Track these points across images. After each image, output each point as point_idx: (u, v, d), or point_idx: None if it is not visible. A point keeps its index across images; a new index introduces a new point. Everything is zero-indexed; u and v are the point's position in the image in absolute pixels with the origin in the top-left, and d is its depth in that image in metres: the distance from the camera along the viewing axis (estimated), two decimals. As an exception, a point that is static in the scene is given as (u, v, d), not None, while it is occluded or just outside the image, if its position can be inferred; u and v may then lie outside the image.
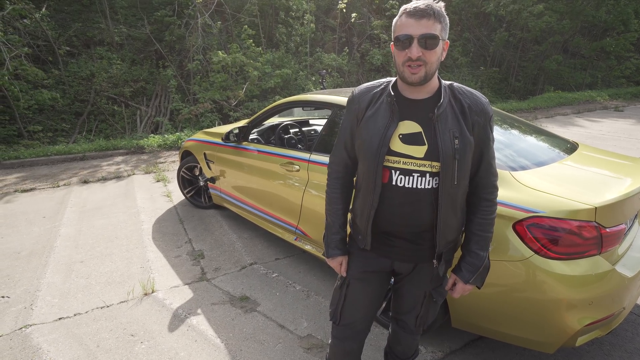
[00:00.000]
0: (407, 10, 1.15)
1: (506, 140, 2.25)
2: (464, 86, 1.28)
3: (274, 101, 9.53)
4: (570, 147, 2.39)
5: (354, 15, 11.78)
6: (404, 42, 1.14)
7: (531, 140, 2.40)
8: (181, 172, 4.17)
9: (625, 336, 2.21)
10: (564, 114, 10.78)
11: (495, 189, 1.32)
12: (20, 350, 2.13)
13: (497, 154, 1.97)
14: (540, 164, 2.01)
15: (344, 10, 11.45)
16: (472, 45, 15.16)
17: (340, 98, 2.68)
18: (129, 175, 5.52)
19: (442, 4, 1.16)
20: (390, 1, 11.97)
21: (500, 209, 1.70)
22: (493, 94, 14.74)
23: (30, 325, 2.33)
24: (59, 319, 2.40)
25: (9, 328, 2.31)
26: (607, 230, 1.63)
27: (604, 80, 16.25)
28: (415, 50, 1.13)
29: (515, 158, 2.01)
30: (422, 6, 1.13)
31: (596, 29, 15.62)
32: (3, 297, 2.62)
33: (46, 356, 2.08)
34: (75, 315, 2.44)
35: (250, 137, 3.37)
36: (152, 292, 2.67)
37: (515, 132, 2.49)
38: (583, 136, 7.71)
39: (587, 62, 15.99)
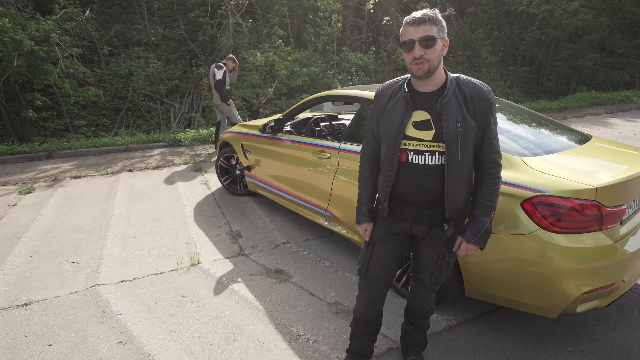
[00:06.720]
0: (407, 20, 1.46)
1: (520, 131, 2.45)
2: (468, 77, 1.53)
3: (302, 99, 9.89)
4: (583, 139, 2.56)
5: (386, 18, 11.99)
6: (409, 45, 1.44)
7: (546, 131, 2.58)
8: (219, 162, 4.54)
9: (631, 314, 2.36)
10: (596, 114, 10.55)
11: (497, 164, 1.54)
12: (94, 303, 2.52)
13: (510, 142, 2.20)
14: (550, 151, 2.20)
15: (372, 10, 11.64)
16: (502, 44, 14.93)
17: (367, 92, 2.94)
18: (169, 166, 5.99)
19: (436, 11, 1.44)
20: (422, 3, 12.10)
21: (510, 189, 1.93)
22: (523, 93, 14.42)
23: (99, 285, 2.74)
24: (121, 281, 2.80)
25: (82, 286, 2.72)
26: (608, 209, 1.82)
27: (643, 80, 15.60)
28: (417, 51, 1.41)
29: (527, 146, 2.21)
30: (418, 15, 1.42)
31: (636, 26, 15.02)
32: (74, 262, 3.05)
33: (115, 308, 2.47)
34: (134, 279, 2.83)
35: (284, 129, 3.68)
36: (198, 263, 3.03)
37: (531, 123, 2.67)
38: (613, 136, 7.59)
39: (625, 61, 15.39)
